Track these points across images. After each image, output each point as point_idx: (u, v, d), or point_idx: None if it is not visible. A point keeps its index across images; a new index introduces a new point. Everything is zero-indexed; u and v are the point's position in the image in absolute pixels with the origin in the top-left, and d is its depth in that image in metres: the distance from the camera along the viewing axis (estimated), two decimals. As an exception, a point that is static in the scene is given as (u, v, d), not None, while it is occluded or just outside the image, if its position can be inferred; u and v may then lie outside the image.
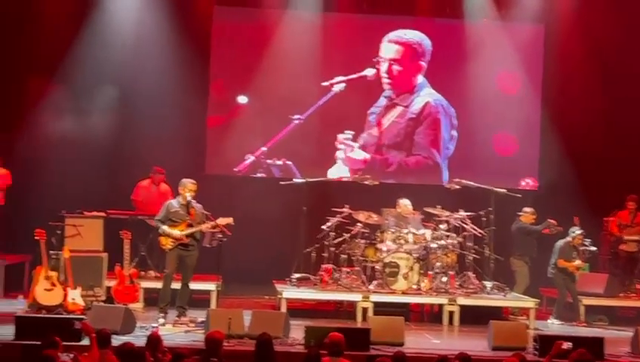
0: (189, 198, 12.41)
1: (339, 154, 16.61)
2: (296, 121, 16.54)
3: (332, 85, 16.58)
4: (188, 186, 12.45)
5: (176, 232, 12.32)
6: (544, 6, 16.73)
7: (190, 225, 12.39)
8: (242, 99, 16.71)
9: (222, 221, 12.42)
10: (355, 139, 16.67)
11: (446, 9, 16.93)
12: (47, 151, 15.54)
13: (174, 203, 12.55)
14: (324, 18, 16.71)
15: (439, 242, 14.11)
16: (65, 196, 14.59)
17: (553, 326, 13.73)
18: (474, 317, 13.31)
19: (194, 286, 12.92)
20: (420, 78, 16.85)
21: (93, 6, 16.00)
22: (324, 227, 14.20)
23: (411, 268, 13.71)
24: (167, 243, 12.39)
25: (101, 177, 15.48)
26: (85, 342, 9.66)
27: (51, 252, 12.94)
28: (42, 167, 15.41)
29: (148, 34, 16.04)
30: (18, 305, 12.87)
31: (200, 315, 12.02)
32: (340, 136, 16.62)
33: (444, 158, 16.82)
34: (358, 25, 16.93)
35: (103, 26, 15.96)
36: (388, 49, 16.79)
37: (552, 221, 14.49)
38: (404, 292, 13.67)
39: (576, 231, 14.15)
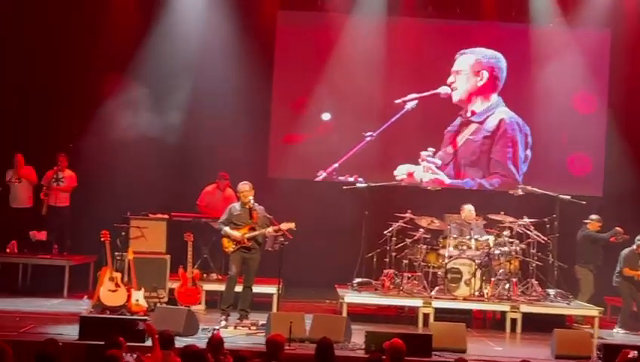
0: (251, 201, 12.46)
1: (418, 169, 16.56)
2: (368, 138, 16.49)
3: (405, 103, 16.50)
4: (243, 191, 12.51)
5: (236, 234, 12.40)
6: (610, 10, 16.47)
7: (253, 229, 12.46)
8: (326, 116, 16.77)
9: (284, 226, 12.45)
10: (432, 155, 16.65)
11: (512, 12, 16.75)
12: (113, 153, 15.71)
13: (237, 206, 12.63)
14: (388, 22, 16.64)
15: (502, 248, 13.98)
16: (130, 198, 14.75)
17: (618, 335, 13.51)
18: (537, 325, 13.16)
19: (256, 289, 12.98)
20: (495, 97, 16.75)
21: (161, 6, 16.17)
22: (386, 232, 14.17)
23: (473, 275, 13.61)
24: (229, 246, 12.48)
25: (166, 180, 15.63)
26: (148, 342, 9.77)
27: (116, 253, 13.13)
28: (108, 168, 15.60)
29: (214, 36, 16.16)
30: (83, 306, 13.05)
31: (261, 318, 12.06)
32: (423, 154, 16.55)
33: (521, 176, 16.69)
34: (424, 30, 16.83)
35: (171, 27, 16.12)
36: (463, 65, 16.71)
37: (619, 229, 14.29)
38: (466, 299, 13.56)
39: (642, 239, 13.95)
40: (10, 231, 14.97)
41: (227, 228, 12.45)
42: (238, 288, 12.57)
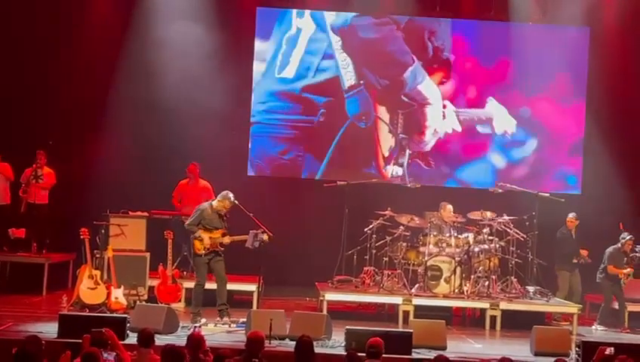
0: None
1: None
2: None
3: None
4: (226, 204, 12.48)
5: (214, 238, 12.41)
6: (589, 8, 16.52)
7: (225, 234, 12.44)
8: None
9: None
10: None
11: (491, 10, 16.77)
12: (92, 150, 15.65)
13: (208, 209, 12.57)
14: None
15: (482, 246, 14.04)
16: (109, 195, 14.70)
17: (597, 332, 13.60)
18: (516, 322, 13.21)
19: (236, 286, 12.97)
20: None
21: (137, 5, 16.12)
22: (366, 229, 14.18)
23: (453, 272, 13.65)
24: (201, 249, 12.42)
25: (146, 177, 15.57)
26: (129, 340, 9.76)
27: (95, 251, 13.09)
28: (87, 166, 15.53)
29: (193, 31, 16.07)
30: (62, 303, 12.97)
31: (241, 316, 12.05)
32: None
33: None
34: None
35: (149, 23, 16.06)
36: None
37: (583, 252, 14.43)
38: (445, 296, 13.60)
39: (627, 236, 14.02)
40: (-13, 229, 14.90)
41: (201, 232, 12.42)
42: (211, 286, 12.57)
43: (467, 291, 13.67)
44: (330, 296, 13.47)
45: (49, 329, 10.70)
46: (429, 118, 16.68)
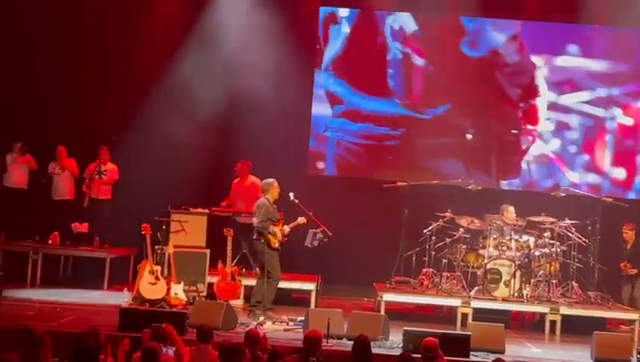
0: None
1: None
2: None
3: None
4: (277, 188, 12.61)
5: (285, 229, 12.57)
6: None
7: (283, 223, 12.54)
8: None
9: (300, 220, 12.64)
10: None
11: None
12: (155, 146, 15.82)
13: (268, 203, 12.66)
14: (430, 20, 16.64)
15: (542, 250, 13.89)
16: (170, 192, 14.81)
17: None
18: (576, 328, 13.06)
19: (294, 285, 12.99)
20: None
21: (204, 4, 16.25)
22: (425, 231, 14.13)
23: (513, 276, 13.53)
24: (276, 243, 12.53)
25: (207, 174, 15.69)
26: (188, 336, 9.84)
27: (156, 246, 13.19)
28: (149, 162, 15.68)
29: (255, 32, 16.17)
30: (123, 298, 13.14)
31: (299, 314, 12.09)
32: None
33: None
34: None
35: (213, 22, 16.20)
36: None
37: (622, 265, 14.33)
38: (505, 300, 13.49)
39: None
40: (52, 223, 15.12)
41: (272, 226, 12.51)
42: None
43: (527, 295, 13.54)
44: (388, 297, 13.44)
45: (109, 323, 10.82)
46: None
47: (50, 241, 15.01)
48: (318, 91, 16.79)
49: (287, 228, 12.60)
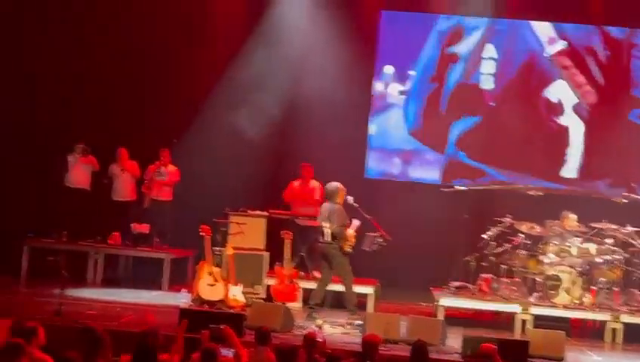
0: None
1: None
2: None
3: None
4: (344, 191, 12.63)
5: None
6: None
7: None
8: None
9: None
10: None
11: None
12: (214, 149, 15.92)
13: (341, 208, 12.67)
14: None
15: (604, 257, 13.68)
16: (229, 194, 14.90)
17: None
18: (638, 337, 12.85)
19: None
20: None
21: (265, 5, 16.32)
22: (484, 236, 14.02)
23: (574, 283, 13.36)
24: (348, 248, 12.55)
25: (264, 176, 15.74)
26: (246, 337, 9.87)
27: (215, 248, 13.27)
28: (209, 164, 15.78)
29: (315, 35, 16.20)
30: (181, 298, 13.23)
31: (357, 318, 12.07)
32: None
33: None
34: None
35: (273, 25, 16.26)
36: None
37: None
38: (565, 307, 13.32)
39: None
40: (113, 223, 15.29)
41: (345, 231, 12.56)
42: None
43: (588, 302, 13.36)
44: (446, 302, 13.35)
45: (169, 323, 10.88)
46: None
47: (110, 241, 15.19)
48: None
49: (351, 231, 12.61)
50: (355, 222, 12.69)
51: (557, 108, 16.40)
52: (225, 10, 16.46)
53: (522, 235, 13.87)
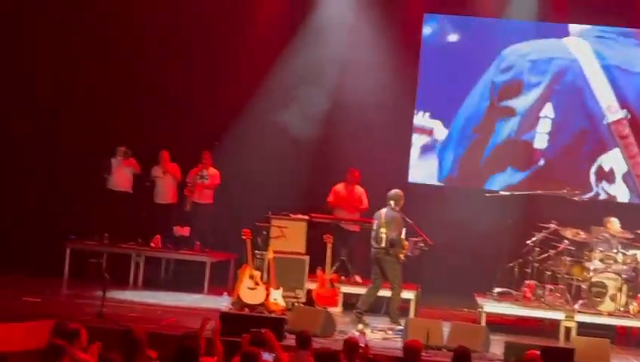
0: None
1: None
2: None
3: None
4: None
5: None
6: None
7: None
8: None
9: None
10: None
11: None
12: (256, 152, 15.90)
13: (401, 216, 12.62)
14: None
15: (651, 264, 13.49)
16: (271, 197, 14.86)
17: None
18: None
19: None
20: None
21: (309, 6, 16.29)
22: (528, 242, 13.86)
23: (619, 290, 13.16)
24: (403, 256, 12.49)
25: (306, 180, 15.69)
26: (286, 342, 9.82)
27: (256, 252, 13.25)
28: (251, 168, 15.77)
29: (359, 37, 16.14)
30: (222, 302, 13.22)
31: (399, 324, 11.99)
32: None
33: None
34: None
35: (316, 28, 16.20)
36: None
37: None
38: (610, 314, 13.13)
39: None
40: (154, 226, 15.33)
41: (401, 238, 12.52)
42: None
43: (634, 310, 13.15)
44: (489, 308, 13.21)
45: (209, 327, 10.86)
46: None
47: (152, 244, 15.24)
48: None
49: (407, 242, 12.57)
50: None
51: (609, 177, 16.13)
52: (270, 10, 16.44)
53: (567, 241, 13.70)
